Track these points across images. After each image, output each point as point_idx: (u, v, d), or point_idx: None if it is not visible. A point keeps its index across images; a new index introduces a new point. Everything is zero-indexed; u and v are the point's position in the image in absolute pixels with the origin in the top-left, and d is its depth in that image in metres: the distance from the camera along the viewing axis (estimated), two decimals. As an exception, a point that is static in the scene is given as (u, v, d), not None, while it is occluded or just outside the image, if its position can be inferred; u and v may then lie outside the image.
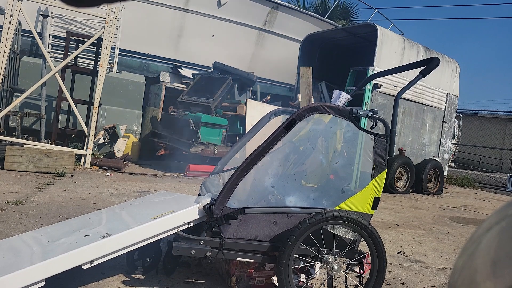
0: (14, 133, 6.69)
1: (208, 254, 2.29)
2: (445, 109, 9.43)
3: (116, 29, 7.59)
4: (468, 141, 18.30)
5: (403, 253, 3.78)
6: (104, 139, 7.53)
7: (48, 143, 6.46)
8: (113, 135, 7.58)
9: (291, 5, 12.21)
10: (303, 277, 2.49)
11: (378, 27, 7.88)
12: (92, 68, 7.50)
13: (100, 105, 6.76)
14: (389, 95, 7.84)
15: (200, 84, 8.21)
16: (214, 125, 7.29)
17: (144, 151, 7.97)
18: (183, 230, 2.36)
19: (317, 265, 2.43)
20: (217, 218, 2.31)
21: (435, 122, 9.29)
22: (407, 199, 7.64)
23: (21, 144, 5.89)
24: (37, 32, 6.88)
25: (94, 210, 3.08)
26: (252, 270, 2.45)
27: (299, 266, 2.40)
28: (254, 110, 7.68)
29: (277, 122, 2.90)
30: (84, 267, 2.07)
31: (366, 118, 2.50)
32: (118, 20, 7.34)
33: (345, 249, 2.37)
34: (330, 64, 9.57)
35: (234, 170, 2.41)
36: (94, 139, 6.81)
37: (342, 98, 2.70)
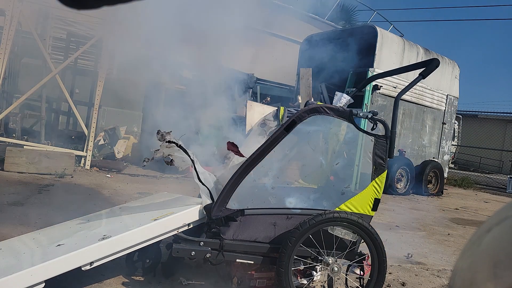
0: (14, 135, 6.69)
1: (208, 255, 2.28)
2: (445, 110, 9.42)
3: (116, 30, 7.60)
4: (468, 142, 18.28)
5: (404, 255, 3.78)
6: (104, 140, 7.53)
7: (48, 145, 6.45)
8: (113, 136, 7.58)
9: (291, 6, 12.22)
10: (303, 279, 2.48)
11: (378, 29, 7.89)
12: (93, 69, 7.51)
13: (100, 106, 6.77)
14: (389, 96, 7.84)
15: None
16: (214, 126, 7.29)
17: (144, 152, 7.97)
18: (183, 232, 2.36)
19: (317, 267, 2.43)
20: (217, 220, 2.30)
21: (435, 124, 9.29)
22: (407, 200, 7.64)
23: (21, 146, 5.89)
24: (37, 33, 6.89)
25: (94, 212, 3.08)
26: (253, 271, 2.45)
27: (301, 268, 2.40)
28: (254, 112, 7.68)
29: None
30: (84, 268, 2.06)
31: (366, 120, 2.50)
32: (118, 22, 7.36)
33: (345, 250, 2.36)
34: (330, 66, 9.57)
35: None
36: (94, 140, 6.81)
37: (343, 100, 2.70)
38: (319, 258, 2.34)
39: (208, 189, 2.46)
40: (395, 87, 7.85)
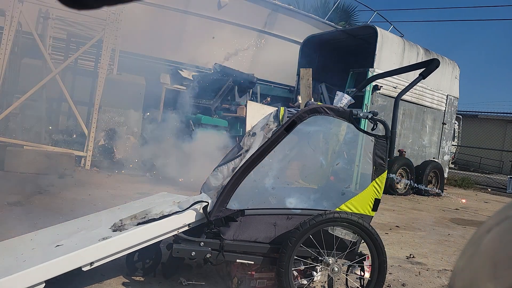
0: (14, 135, 6.69)
1: (208, 256, 2.28)
2: (445, 110, 9.42)
3: (117, 30, 7.61)
4: (468, 142, 18.28)
5: (404, 255, 3.78)
6: (104, 140, 7.53)
7: (48, 145, 6.45)
8: (113, 136, 7.58)
9: (291, 6, 12.23)
10: (304, 280, 2.48)
11: (378, 29, 7.89)
12: (93, 69, 7.51)
13: (100, 106, 6.77)
14: (389, 96, 7.85)
15: (200, 86, 8.22)
16: (214, 126, 7.30)
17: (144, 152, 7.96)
18: (183, 232, 2.36)
19: (318, 267, 2.43)
20: (216, 220, 2.30)
21: (435, 124, 9.29)
22: (408, 200, 7.64)
23: (22, 146, 5.89)
24: (37, 33, 6.89)
25: (94, 212, 3.08)
26: (254, 272, 2.45)
27: (301, 269, 2.40)
28: (254, 112, 7.67)
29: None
30: (84, 269, 2.06)
31: (367, 120, 2.50)
32: (118, 22, 7.36)
33: (346, 251, 2.36)
34: (330, 66, 9.57)
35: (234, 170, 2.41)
36: (94, 140, 6.81)
37: (344, 100, 2.70)
38: (320, 258, 2.34)
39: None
40: (395, 87, 7.85)
